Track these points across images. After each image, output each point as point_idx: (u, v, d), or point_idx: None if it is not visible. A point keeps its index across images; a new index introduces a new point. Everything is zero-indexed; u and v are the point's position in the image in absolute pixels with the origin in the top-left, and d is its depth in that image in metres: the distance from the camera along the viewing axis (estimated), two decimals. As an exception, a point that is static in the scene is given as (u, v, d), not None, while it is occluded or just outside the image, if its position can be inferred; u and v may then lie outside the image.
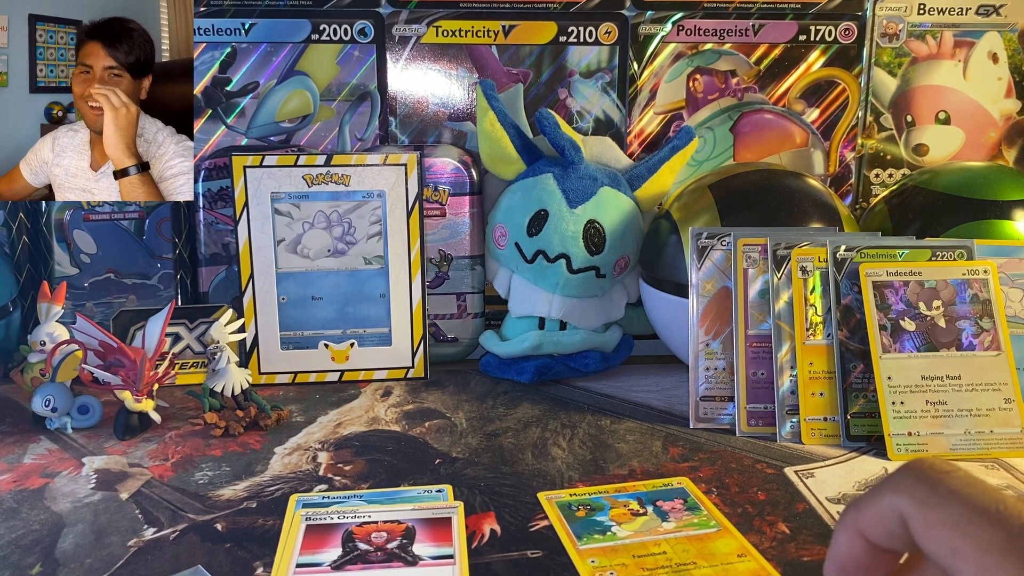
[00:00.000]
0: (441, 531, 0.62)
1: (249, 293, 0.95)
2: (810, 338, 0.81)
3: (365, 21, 1.04)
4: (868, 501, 0.26)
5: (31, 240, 1.01)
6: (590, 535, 0.61)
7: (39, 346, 0.87)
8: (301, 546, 0.60)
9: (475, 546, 0.60)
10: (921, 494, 0.24)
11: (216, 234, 1.03)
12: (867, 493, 0.26)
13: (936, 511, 0.23)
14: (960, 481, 0.24)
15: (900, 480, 0.24)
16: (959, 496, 0.23)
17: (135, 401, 0.80)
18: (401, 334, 0.97)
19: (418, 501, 0.66)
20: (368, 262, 0.97)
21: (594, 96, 1.08)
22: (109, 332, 0.82)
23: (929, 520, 0.23)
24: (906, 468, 0.25)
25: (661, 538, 0.61)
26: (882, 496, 0.25)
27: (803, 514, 0.66)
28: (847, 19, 1.08)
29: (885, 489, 0.25)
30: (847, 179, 1.13)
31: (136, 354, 0.81)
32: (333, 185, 0.95)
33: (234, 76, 1.05)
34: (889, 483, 0.25)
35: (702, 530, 0.62)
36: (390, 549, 0.59)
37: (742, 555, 0.59)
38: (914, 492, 0.24)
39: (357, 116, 1.07)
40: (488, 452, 0.77)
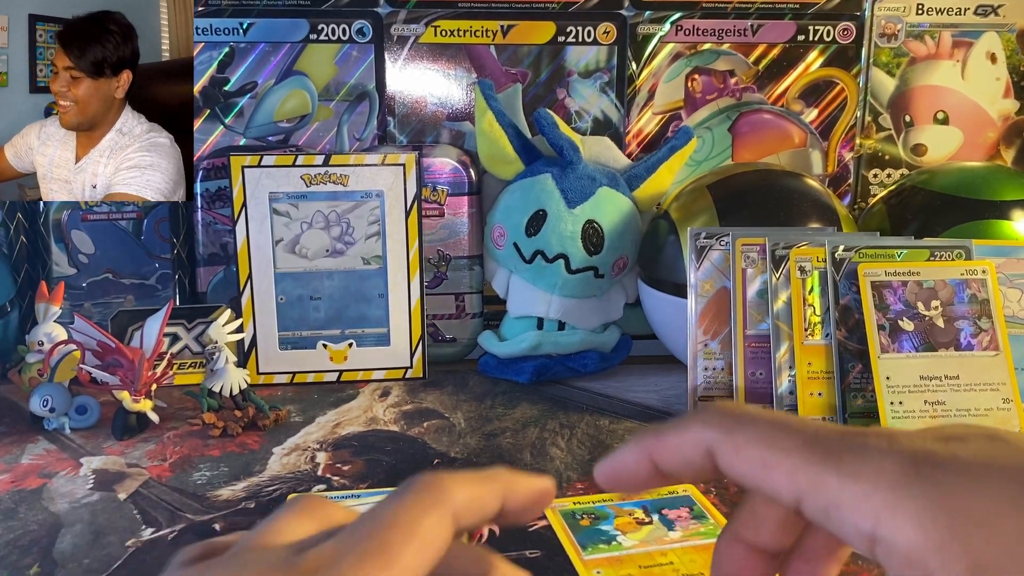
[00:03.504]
0: None
1: (247, 293, 0.95)
2: (808, 338, 0.81)
3: (363, 21, 1.04)
4: (671, 431, 0.28)
5: (29, 240, 1.01)
6: (595, 545, 0.61)
7: (37, 346, 0.87)
8: None
9: (473, 545, 0.60)
10: (728, 424, 0.26)
11: (214, 234, 1.03)
12: (670, 425, 0.28)
13: (743, 433, 0.26)
14: (757, 410, 0.27)
15: (706, 417, 0.27)
16: (761, 418, 0.26)
17: (133, 401, 0.80)
18: (399, 334, 0.97)
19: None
20: (366, 262, 0.97)
21: (592, 96, 1.08)
22: (107, 332, 0.82)
23: (737, 443, 0.26)
24: (708, 407, 0.28)
25: (668, 548, 0.60)
26: (688, 429, 0.27)
27: (801, 514, 0.65)
28: (845, 19, 1.08)
29: (691, 423, 0.27)
30: (845, 179, 1.13)
31: (134, 354, 0.81)
32: (331, 185, 0.95)
33: (232, 76, 1.05)
34: (695, 419, 0.27)
35: (709, 539, 0.61)
36: None
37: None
38: (722, 423, 0.27)
39: (355, 116, 1.07)
40: (487, 452, 0.77)
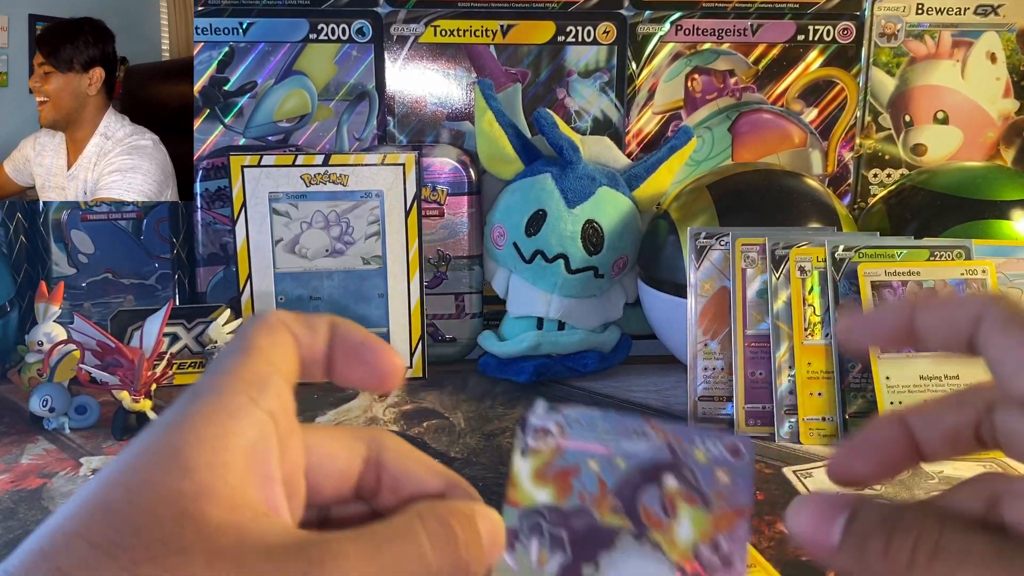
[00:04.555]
0: None
1: (247, 293, 0.95)
2: (808, 338, 0.81)
3: (363, 21, 1.04)
4: (943, 299, 0.28)
5: (28, 240, 1.01)
6: None
7: (36, 346, 0.87)
8: None
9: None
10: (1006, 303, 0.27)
11: (214, 234, 1.03)
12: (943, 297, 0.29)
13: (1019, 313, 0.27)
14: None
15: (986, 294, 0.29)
16: None
17: (133, 401, 0.80)
18: (399, 334, 0.97)
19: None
20: (366, 262, 0.97)
21: (592, 96, 1.08)
22: (107, 332, 0.82)
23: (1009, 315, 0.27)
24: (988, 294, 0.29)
25: None
26: (962, 300, 0.28)
27: (801, 514, 0.65)
28: (845, 19, 1.08)
29: (970, 296, 0.28)
30: (845, 179, 1.13)
31: (134, 354, 0.81)
32: (331, 185, 0.95)
33: (232, 76, 1.05)
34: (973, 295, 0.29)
35: None
36: None
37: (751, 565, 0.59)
38: (1001, 300, 0.27)
39: (355, 116, 1.07)
40: (487, 452, 0.77)
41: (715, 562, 0.28)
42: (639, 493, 0.29)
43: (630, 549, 0.28)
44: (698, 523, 0.28)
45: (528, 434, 0.30)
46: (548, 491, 0.29)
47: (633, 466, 0.29)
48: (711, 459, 0.29)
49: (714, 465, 0.29)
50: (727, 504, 0.28)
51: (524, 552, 0.28)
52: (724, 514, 0.28)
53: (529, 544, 0.28)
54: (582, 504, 0.29)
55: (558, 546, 0.28)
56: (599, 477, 0.29)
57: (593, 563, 0.28)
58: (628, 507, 0.28)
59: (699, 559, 0.28)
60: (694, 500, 0.28)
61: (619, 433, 0.29)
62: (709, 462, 0.29)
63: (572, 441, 0.29)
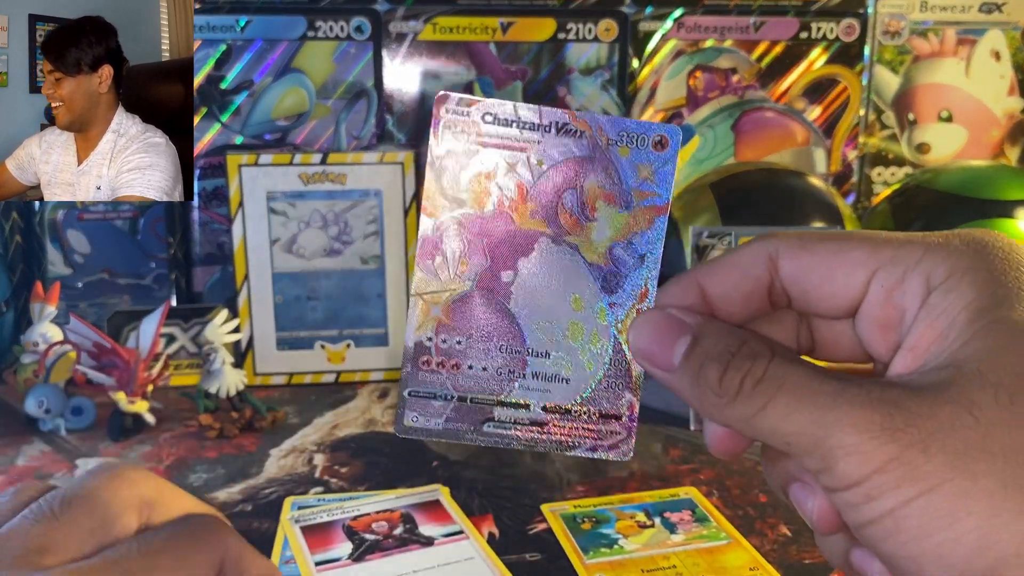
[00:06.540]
0: (437, 512, 0.62)
1: (244, 293, 0.94)
2: (812, 338, 0.80)
3: (361, 18, 1.04)
4: (723, 255, 0.28)
5: (24, 240, 1.01)
6: (596, 549, 0.60)
7: (32, 347, 0.86)
8: (308, 546, 0.59)
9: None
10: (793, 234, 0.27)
11: (211, 234, 1.02)
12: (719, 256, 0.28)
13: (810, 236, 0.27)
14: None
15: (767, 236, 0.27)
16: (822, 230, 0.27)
17: (129, 402, 0.79)
18: (398, 335, 0.96)
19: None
20: (365, 262, 0.96)
21: (593, 94, 1.07)
22: (103, 333, 0.81)
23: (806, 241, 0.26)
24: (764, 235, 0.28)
25: (670, 551, 0.60)
26: (748, 244, 0.27)
27: (805, 517, 0.65)
28: (849, 16, 1.07)
29: (750, 242, 0.27)
30: (849, 178, 1.12)
31: (130, 355, 0.80)
32: (329, 184, 0.94)
33: (229, 73, 1.04)
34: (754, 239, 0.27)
35: (712, 543, 0.61)
36: (398, 535, 0.60)
37: (754, 568, 0.58)
38: (786, 234, 0.27)
39: (353, 114, 1.06)
40: (486, 455, 0.76)
41: (627, 260, 0.28)
42: (558, 196, 0.28)
43: (548, 253, 0.28)
44: (615, 223, 0.28)
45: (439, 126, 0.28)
46: (465, 196, 0.28)
47: (553, 166, 0.28)
48: (634, 154, 0.28)
49: (637, 161, 0.28)
50: (646, 201, 0.28)
51: (443, 260, 0.28)
52: (642, 211, 0.28)
53: (447, 252, 0.28)
54: (501, 210, 0.28)
55: (476, 252, 0.28)
56: (517, 182, 0.28)
57: (512, 268, 0.28)
58: (547, 212, 0.28)
59: (612, 257, 0.28)
60: (613, 199, 0.28)
61: (541, 128, 0.28)
62: (632, 157, 0.28)
63: (489, 138, 0.28)
